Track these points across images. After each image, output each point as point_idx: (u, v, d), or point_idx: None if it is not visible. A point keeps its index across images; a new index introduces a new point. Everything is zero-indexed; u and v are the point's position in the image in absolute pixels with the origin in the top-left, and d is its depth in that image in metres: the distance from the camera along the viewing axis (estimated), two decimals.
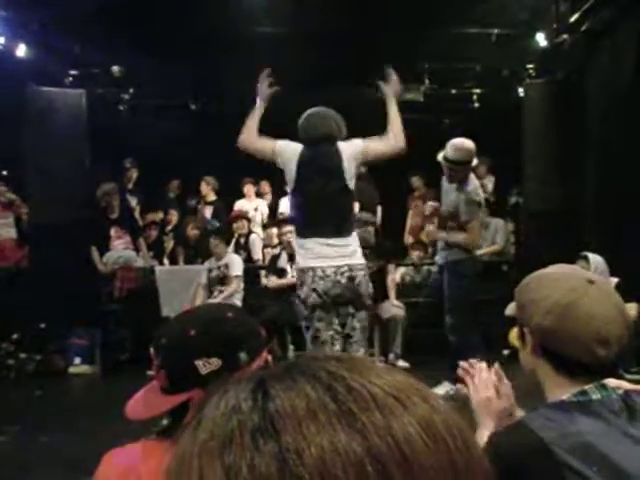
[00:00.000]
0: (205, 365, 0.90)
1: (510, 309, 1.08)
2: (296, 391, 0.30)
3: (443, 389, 3.47)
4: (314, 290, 2.57)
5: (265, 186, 6.78)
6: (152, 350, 0.97)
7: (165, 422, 1.30)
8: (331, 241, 2.58)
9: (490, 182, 6.10)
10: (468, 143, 3.67)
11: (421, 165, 6.64)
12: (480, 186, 3.98)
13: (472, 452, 0.30)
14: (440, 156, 3.78)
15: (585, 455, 0.80)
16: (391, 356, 4.63)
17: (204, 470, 0.28)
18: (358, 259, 2.66)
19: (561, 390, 0.93)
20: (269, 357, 0.97)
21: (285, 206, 6.59)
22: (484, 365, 1.18)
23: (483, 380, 1.14)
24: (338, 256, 2.58)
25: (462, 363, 1.18)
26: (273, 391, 0.30)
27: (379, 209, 6.45)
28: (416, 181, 6.75)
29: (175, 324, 1.00)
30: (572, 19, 5.04)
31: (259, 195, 6.72)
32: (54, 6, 4.82)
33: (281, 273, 4.93)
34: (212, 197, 6.35)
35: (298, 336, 4.82)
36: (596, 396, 0.89)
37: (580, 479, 0.78)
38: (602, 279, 1.03)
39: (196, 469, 0.29)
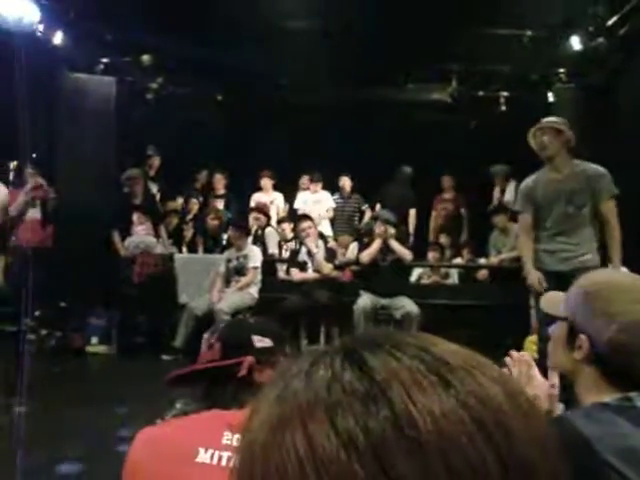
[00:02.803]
0: (260, 341, 1.08)
1: (558, 309, 1.02)
2: (395, 360, 0.30)
3: None
4: None
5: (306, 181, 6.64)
6: (205, 337, 1.10)
7: (179, 406, 1.33)
8: None
9: (511, 187, 5.99)
10: None
11: (448, 165, 6.56)
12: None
13: (539, 413, 0.32)
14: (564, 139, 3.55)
15: (628, 458, 0.78)
16: None
17: (314, 438, 0.28)
18: None
19: (602, 394, 0.92)
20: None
21: (301, 201, 6.59)
22: (527, 355, 1.11)
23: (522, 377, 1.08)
24: None
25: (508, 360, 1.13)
26: (370, 361, 0.30)
27: (412, 213, 6.40)
28: (447, 181, 6.54)
29: (232, 320, 1.16)
30: (610, 22, 4.91)
31: (276, 188, 6.70)
32: None
33: (303, 266, 4.96)
34: (222, 191, 6.43)
35: (312, 328, 4.85)
36: None
37: None
38: None
39: (301, 437, 0.28)
